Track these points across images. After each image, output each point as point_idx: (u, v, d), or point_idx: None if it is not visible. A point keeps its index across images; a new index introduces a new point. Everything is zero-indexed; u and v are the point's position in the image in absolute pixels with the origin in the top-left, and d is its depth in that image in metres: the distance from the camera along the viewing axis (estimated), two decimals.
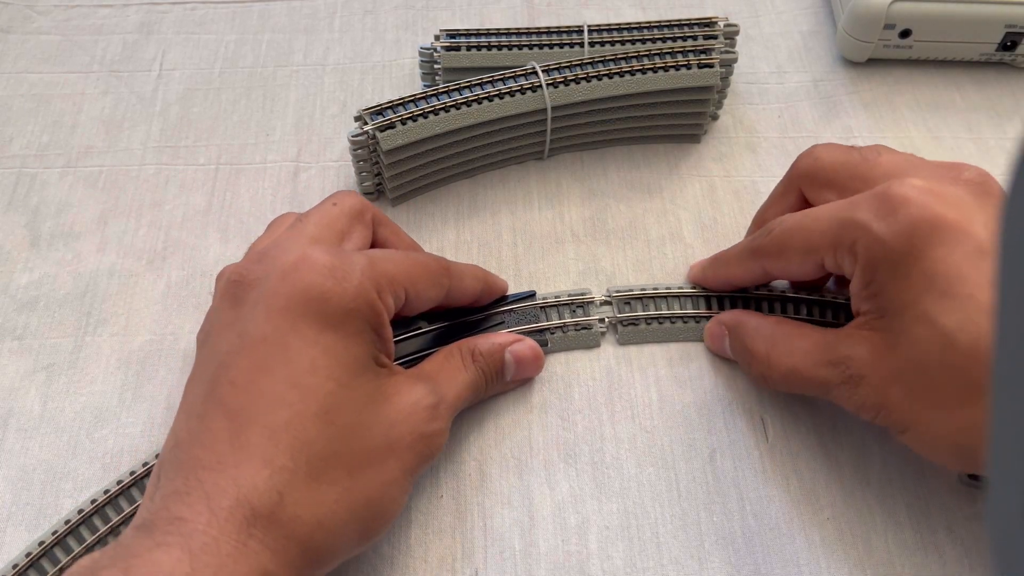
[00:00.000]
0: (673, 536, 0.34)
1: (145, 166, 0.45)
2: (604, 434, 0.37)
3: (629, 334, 0.39)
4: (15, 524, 0.34)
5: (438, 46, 0.45)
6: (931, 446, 0.30)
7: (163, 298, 0.40)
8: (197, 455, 0.27)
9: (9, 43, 0.51)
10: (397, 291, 0.31)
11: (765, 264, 0.35)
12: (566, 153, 0.46)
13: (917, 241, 0.29)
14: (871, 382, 0.30)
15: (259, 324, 0.28)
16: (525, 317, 0.38)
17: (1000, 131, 0.47)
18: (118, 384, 0.38)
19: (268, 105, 0.48)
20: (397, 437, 0.29)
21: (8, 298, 0.40)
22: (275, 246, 0.31)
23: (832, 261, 0.32)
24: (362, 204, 0.34)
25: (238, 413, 0.27)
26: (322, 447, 0.27)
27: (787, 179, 0.37)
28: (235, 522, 0.25)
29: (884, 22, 0.47)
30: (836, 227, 0.31)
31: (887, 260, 0.30)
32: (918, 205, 0.29)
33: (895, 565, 0.33)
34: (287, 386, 0.27)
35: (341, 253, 0.30)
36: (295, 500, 0.26)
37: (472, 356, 0.35)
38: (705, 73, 0.43)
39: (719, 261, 0.39)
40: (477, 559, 0.34)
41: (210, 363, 0.29)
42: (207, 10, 0.53)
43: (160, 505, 0.26)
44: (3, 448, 0.36)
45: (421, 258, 0.33)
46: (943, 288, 0.28)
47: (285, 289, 0.28)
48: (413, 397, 0.31)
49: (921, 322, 0.29)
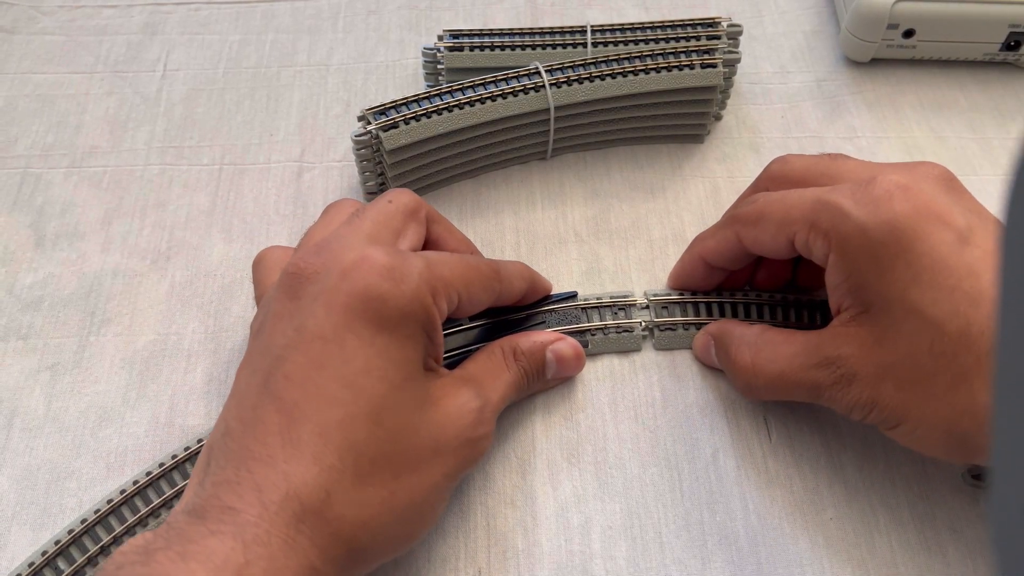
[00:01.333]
0: (676, 536, 0.34)
1: (149, 166, 0.45)
2: (607, 434, 0.37)
3: (666, 339, 0.39)
4: (20, 523, 0.34)
5: (441, 46, 0.45)
6: (924, 438, 0.30)
7: (167, 298, 0.41)
8: (249, 446, 0.27)
9: (14, 44, 0.51)
10: (451, 295, 0.31)
11: (740, 231, 0.35)
12: (569, 153, 0.46)
13: (899, 233, 0.29)
14: (863, 379, 0.31)
15: (318, 320, 0.28)
16: (566, 318, 0.38)
17: (1004, 131, 0.47)
18: (122, 384, 0.38)
19: (272, 105, 0.48)
20: (444, 441, 0.30)
21: (13, 298, 0.40)
22: (335, 240, 0.31)
23: (803, 240, 0.32)
24: (416, 202, 0.34)
25: (291, 408, 0.27)
26: (370, 449, 0.27)
27: (756, 182, 0.37)
28: (285, 516, 0.25)
29: (887, 22, 0.47)
30: (816, 206, 0.32)
31: (867, 250, 0.30)
32: (900, 198, 0.30)
33: (898, 565, 0.33)
34: (341, 385, 0.27)
35: (400, 255, 0.30)
36: (342, 500, 0.26)
37: (514, 355, 0.35)
38: (708, 73, 0.43)
39: (697, 238, 0.39)
40: (480, 559, 0.34)
41: (266, 354, 0.29)
42: (211, 10, 0.53)
43: (211, 492, 0.26)
44: (8, 447, 0.36)
45: (474, 262, 0.33)
46: (929, 279, 0.29)
47: (345, 287, 0.28)
48: (459, 401, 0.31)
49: (911, 314, 0.29)
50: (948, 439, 0.30)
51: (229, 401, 0.29)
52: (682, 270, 0.39)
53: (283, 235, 0.43)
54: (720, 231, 0.37)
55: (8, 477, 0.35)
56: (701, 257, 0.38)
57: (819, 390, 0.32)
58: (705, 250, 0.38)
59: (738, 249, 0.36)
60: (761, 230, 0.34)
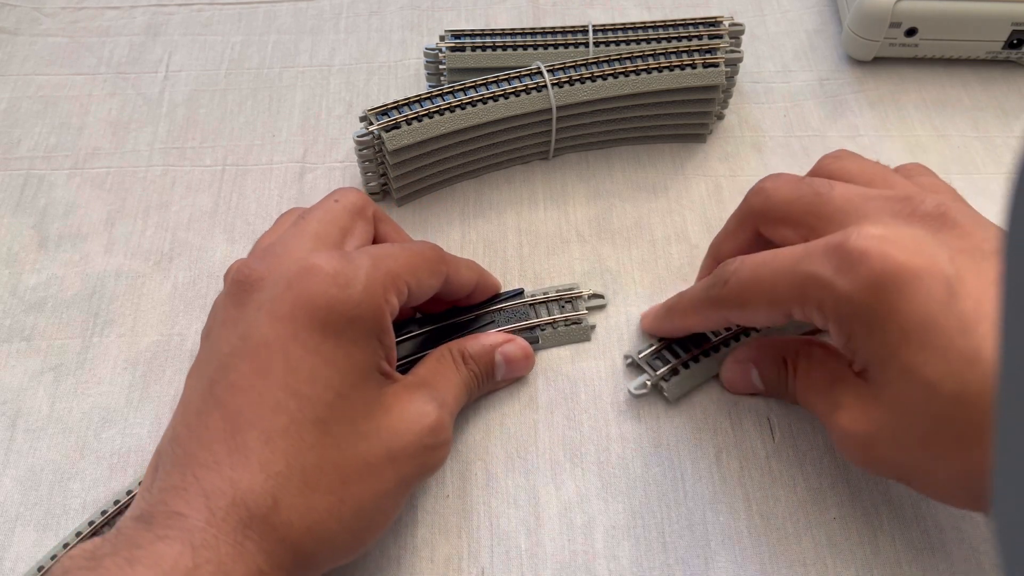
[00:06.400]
0: (679, 536, 0.34)
1: (152, 167, 0.45)
2: (610, 434, 0.37)
3: (676, 387, 0.37)
4: (24, 524, 0.34)
5: (443, 47, 0.45)
6: (934, 490, 0.30)
7: (170, 299, 0.41)
8: (194, 452, 0.27)
9: (17, 45, 0.51)
10: (400, 287, 0.31)
11: (727, 315, 0.34)
12: (571, 153, 0.46)
13: (884, 295, 0.28)
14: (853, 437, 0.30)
15: (261, 328, 0.28)
16: (515, 315, 0.38)
17: (1007, 129, 0.47)
18: (125, 384, 0.38)
19: (274, 106, 0.48)
20: (399, 447, 0.29)
21: (16, 299, 0.40)
22: (280, 244, 0.31)
23: (800, 314, 0.31)
24: (363, 200, 0.35)
25: (236, 415, 0.27)
26: (318, 456, 0.27)
27: (739, 215, 0.35)
28: (231, 523, 0.26)
29: (890, 20, 0.46)
30: (798, 283, 0.30)
31: (857, 316, 0.29)
32: (878, 257, 0.28)
33: (902, 565, 0.33)
34: (286, 393, 0.28)
35: (344, 257, 0.30)
36: (288, 506, 0.26)
37: (463, 358, 0.35)
38: (710, 72, 0.42)
39: (674, 311, 0.37)
40: (483, 559, 0.34)
41: (211, 362, 0.29)
42: (213, 11, 0.53)
43: (158, 498, 0.26)
44: (12, 448, 0.36)
45: (418, 247, 0.33)
46: (920, 340, 0.27)
47: (290, 296, 0.29)
48: (415, 407, 0.31)
49: (904, 375, 0.28)
50: (960, 493, 0.29)
51: (178, 407, 0.30)
52: (660, 329, 0.38)
53: None
54: (705, 312, 0.35)
55: (12, 478, 0.35)
56: (688, 331, 0.37)
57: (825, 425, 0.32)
58: (693, 327, 0.37)
59: (726, 324, 0.36)
60: (752, 312, 0.32)
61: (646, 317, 0.39)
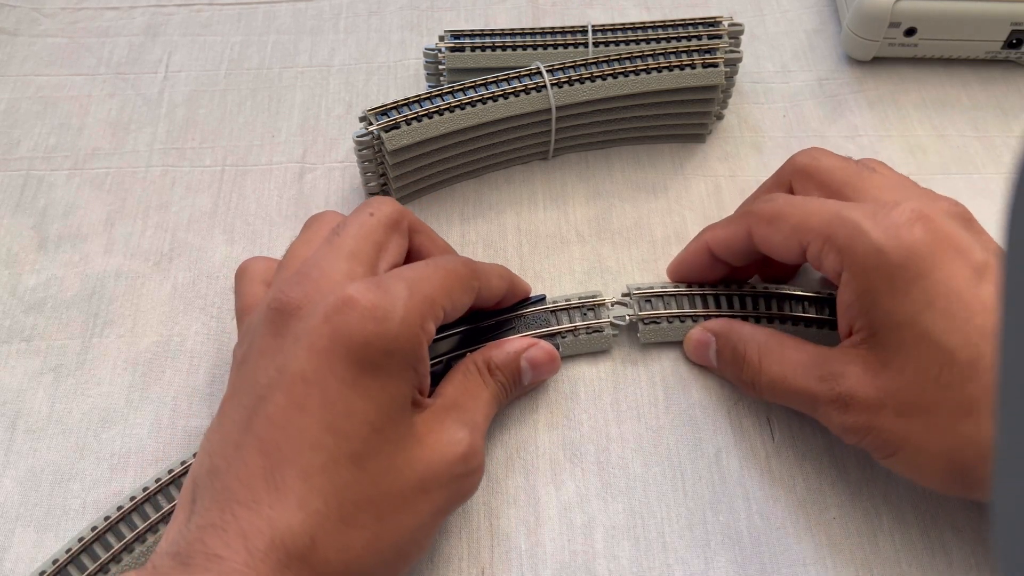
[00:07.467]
0: (679, 536, 0.34)
1: (151, 168, 0.45)
2: (610, 433, 0.37)
3: (651, 332, 0.38)
4: (24, 524, 0.34)
5: (443, 47, 0.45)
6: (923, 467, 0.30)
7: (170, 299, 0.41)
8: (232, 487, 0.27)
9: (16, 46, 0.51)
10: (437, 312, 0.31)
11: (753, 226, 0.35)
12: (571, 153, 0.46)
13: (918, 259, 0.29)
14: (860, 403, 0.30)
15: (299, 362, 0.28)
16: (536, 321, 0.38)
17: (1006, 129, 0.47)
18: (125, 385, 0.38)
19: (274, 106, 0.48)
20: (431, 478, 0.29)
21: (16, 300, 0.40)
22: (316, 266, 0.31)
23: (816, 250, 0.32)
24: (399, 213, 0.34)
25: (275, 451, 0.27)
26: (354, 492, 0.27)
27: (780, 172, 0.37)
28: (270, 563, 0.25)
29: (889, 20, 0.46)
30: (835, 220, 0.31)
31: (883, 271, 0.30)
32: (921, 225, 0.30)
33: (902, 564, 0.33)
34: (323, 429, 0.27)
35: (381, 287, 0.29)
36: (326, 544, 0.26)
37: (489, 369, 0.35)
38: (710, 73, 0.42)
39: (706, 228, 0.38)
40: (483, 559, 0.34)
41: (249, 392, 0.29)
42: (212, 12, 0.53)
43: (196, 536, 0.26)
44: (11, 449, 0.36)
45: (451, 265, 0.33)
46: (943, 308, 0.29)
47: (327, 331, 0.28)
48: (446, 436, 0.30)
49: (921, 340, 0.29)
50: (948, 470, 0.29)
51: (213, 433, 0.29)
52: (685, 258, 0.39)
53: (285, 236, 0.43)
54: (732, 223, 0.36)
55: (12, 479, 0.35)
56: (707, 245, 0.37)
57: (815, 403, 0.32)
58: (714, 239, 0.37)
59: (747, 244, 0.35)
60: (774, 230, 0.33)
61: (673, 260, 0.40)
